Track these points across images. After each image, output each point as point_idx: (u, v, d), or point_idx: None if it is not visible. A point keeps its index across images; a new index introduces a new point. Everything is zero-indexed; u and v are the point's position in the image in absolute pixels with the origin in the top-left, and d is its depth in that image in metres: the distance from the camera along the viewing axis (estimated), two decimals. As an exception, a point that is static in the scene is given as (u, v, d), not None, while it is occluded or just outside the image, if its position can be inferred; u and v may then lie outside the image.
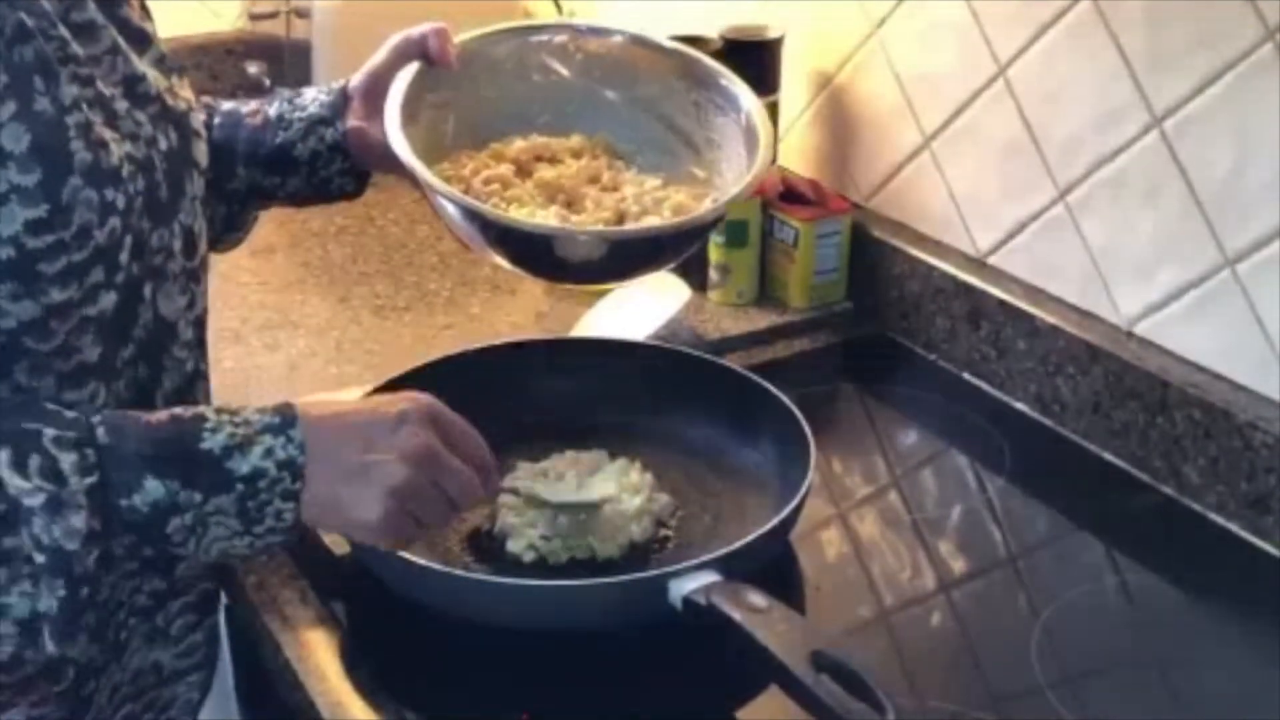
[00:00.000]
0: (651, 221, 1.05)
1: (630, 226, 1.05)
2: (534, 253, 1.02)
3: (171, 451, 0.82)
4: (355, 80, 1.10)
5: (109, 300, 0.85)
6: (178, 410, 0.86)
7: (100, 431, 0.81)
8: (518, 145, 1.12)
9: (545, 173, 1.10)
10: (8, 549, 0.78)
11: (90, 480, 0.80)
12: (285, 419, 0.86)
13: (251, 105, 1.12)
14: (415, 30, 1.08)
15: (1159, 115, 1.14)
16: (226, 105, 1.11)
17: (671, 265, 1.12)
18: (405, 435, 0.89)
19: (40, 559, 0.78)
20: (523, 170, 1.10)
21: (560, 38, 1.15)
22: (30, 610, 0.80)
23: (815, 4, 1.46)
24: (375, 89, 1.07)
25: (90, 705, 0.95)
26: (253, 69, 1.92)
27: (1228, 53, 1.07)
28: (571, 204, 1.08)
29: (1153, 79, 1.14)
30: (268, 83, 1.88)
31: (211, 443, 0.83)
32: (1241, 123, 1.08)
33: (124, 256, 0.85)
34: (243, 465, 0.83)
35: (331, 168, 1.10)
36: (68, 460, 0.79)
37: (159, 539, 0.83)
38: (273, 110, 1.11)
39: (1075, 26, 1.19)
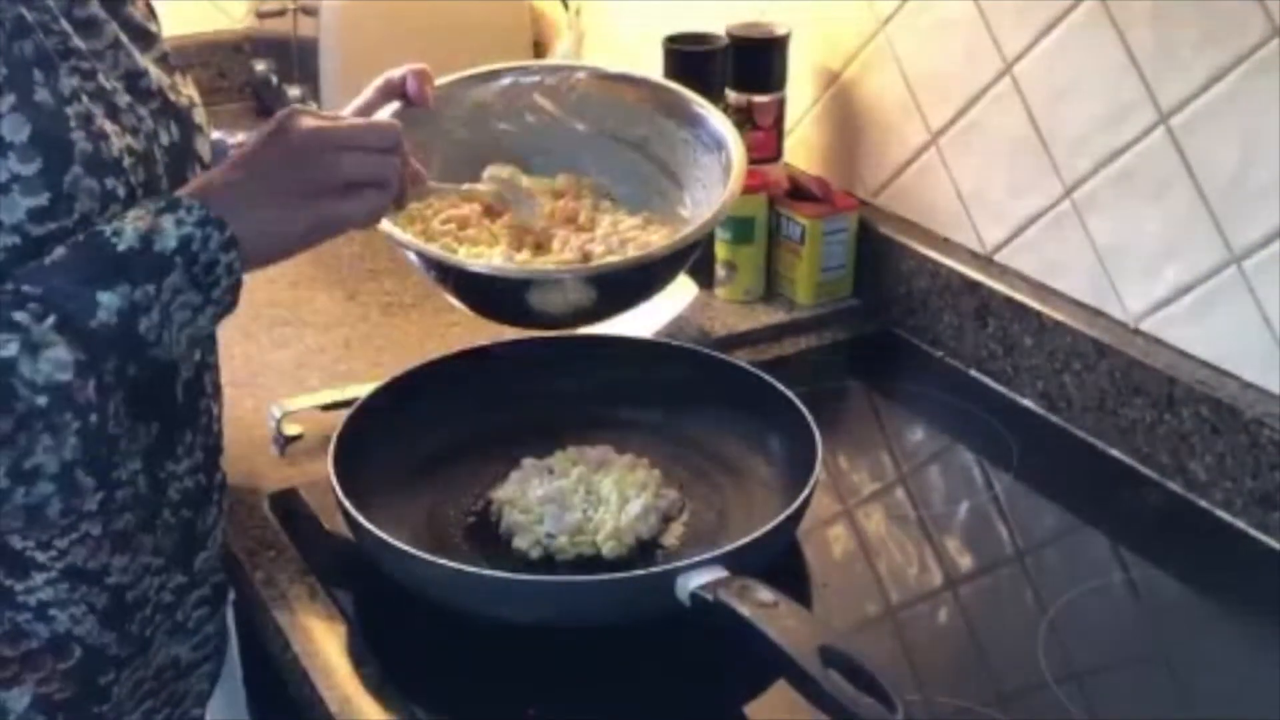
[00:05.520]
0: (612, 259, 1.06)
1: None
2: (482, 296, 1.07)
3: (100, 266, 0.82)
4: None
5: None
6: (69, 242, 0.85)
7: (26, 288, 0.80)
8: (493, 188, 1.13)
9: None
10: (19, 414, 0.78)
11: (50, 320, 0.80)
12: (168, 199, 0.86)
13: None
14: (397, 71, 1.09)
15: (1166, 112, 1.14)
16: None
17: (640, 305, 1.12)
18: (291, 134, 0.91)
19: (41, 400, 0.78)
20: (495, 212, 1.13)
21: (550, 79, 1.20)
22: (59, 463, 0.80)
23: (822, 1, 1.46)
24: None
25: (108, 697, 0.95)
26: (260, 66, 1.91)
27: (1234, 50, 1.07)
28: (540, 245, 1.11)
29: (1159, 76, 1.14)
30: (275, 80, 1.88)
31: (126, 243, 0.82)
32: (1248, 120, 1.08)
33: None
34: (168, 241, 0.83)
35: None
36: (19, 315, 0.79)
37: (137, 346, 0.83)
38: None
39: (1082, 23, 1.19)
